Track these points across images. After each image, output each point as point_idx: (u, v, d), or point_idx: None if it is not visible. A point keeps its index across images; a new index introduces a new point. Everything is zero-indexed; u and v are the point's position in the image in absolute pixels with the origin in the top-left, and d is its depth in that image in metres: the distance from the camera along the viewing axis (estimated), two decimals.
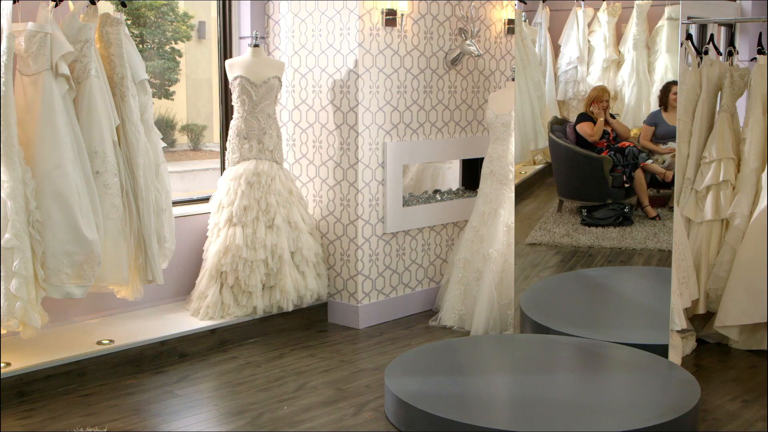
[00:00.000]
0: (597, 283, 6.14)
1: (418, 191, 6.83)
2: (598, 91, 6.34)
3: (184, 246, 6.10)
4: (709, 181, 5.74)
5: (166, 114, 10.80)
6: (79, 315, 5.66)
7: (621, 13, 6.39)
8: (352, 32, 5.96)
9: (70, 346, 5.12)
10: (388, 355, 5.55)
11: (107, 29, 5.02)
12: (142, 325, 5.62)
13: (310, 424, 4.44)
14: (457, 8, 6.50)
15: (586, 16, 6.41)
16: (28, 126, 4.70)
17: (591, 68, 6.47)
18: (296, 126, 6.42)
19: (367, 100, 6.03)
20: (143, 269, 5.18)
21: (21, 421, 4.44)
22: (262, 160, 5.99)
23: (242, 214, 5.84)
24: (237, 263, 5.78)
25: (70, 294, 4.79)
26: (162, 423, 4.50)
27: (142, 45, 9.75)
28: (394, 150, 6.21)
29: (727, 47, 6.01)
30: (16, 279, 4.53)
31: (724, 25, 6.27)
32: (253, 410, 4.63)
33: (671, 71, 6.07)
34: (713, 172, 5.73)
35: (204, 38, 10.98)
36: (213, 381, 5.11)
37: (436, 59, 6.46)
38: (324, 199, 6.30)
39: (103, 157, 4.90)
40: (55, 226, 4.68)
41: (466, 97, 6.74)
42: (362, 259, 6.16)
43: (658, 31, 6.25)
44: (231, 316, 5.79)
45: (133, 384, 5.01)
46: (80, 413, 4.56)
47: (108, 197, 4.94)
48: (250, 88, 5.94)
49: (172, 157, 10.81)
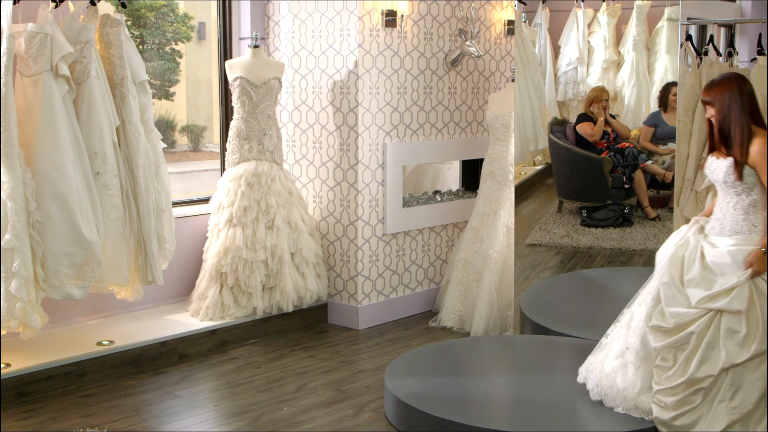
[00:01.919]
0: (597, 284, 6.14)
1: (418, 192, 6.83)
2: (597, 92, 6.35)
3: (184, 247, 6.10)
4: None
5: (167, 115, 10.80)
6: (79, 316, 5.66)
7: (621, 14, 6.40)
8: (352, 33, 5.96)
9: (70, 347, 5.13)
10: (388, 356, 5.56)
11: (107, 30, 5.03)
12: (142, 325, 5.62)
13: (310, 425, 4.45)
14: (457, 9, 6.51)
15: (586, 17, 6.42)
16: (28, 127, 4.70)
17: (591, 69, 6.48)
18: (296, 127, 6.42)
19: (367, 101, 6.03)
20: (143, 270, 5.18)
21: (21, 422, 4.45)
22: (262, 161, 5.99)
23: (242, 215, 5.84)
24: (237, 264, 5.78)
25: (70, 295, 4.79)
26: (162, 424, 4.50)
27: (142, 46, 9.75)
28: (394, 151, 6.21)
29: (727, 48, 6.01)
30: (16, 280, 4.53)
31: (724, 26, 6.26)
32: (253, 411, 4.64)
33: (671, 72, 6.08)
34: None
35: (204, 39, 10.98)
36: (213, 382, 5.12)
37: (436, 60, 6.47)
38: (324, 200, 6.30)
39: (103, 158, 4.91)
40: (55, 226, 4.68)
41: (466, 98, 6.75)
42: (362, 260, 6.16)
43: (658, 32, 6.26)
44: (231, 317, 5.79)
45: (133, 385, 5.02)
46: (80, 414, 4.56)
47: (108, 198, 4.94)
48: (250, 89, 5.94)
49: (172, 158, 10.81)
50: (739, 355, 3.86)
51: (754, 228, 3.98)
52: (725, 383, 3.88)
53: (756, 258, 3.89)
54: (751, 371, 3.85)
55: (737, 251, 3.95)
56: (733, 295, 3.89)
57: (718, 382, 3.89)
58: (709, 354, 3.91)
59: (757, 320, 3.87)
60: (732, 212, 4.03)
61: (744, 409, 3.83)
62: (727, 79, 4.07)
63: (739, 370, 3.86)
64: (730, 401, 3.85)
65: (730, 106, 4.00)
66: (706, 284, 3.97)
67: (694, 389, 3.92)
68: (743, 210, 4.01)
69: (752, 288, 3.89)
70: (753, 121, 4.01)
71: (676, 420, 3.96)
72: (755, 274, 3.89)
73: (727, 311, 3.89)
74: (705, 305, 3.93)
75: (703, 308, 3.94)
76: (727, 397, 3.86)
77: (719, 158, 4.09)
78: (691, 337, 3.95)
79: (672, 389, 3.97)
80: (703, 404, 3.91)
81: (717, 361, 3.88)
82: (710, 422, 3.86)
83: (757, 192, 3.98)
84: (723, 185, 4.06)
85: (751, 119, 4.00)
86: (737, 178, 3.98)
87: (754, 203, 3.99)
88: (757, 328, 3.86)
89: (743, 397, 3.84)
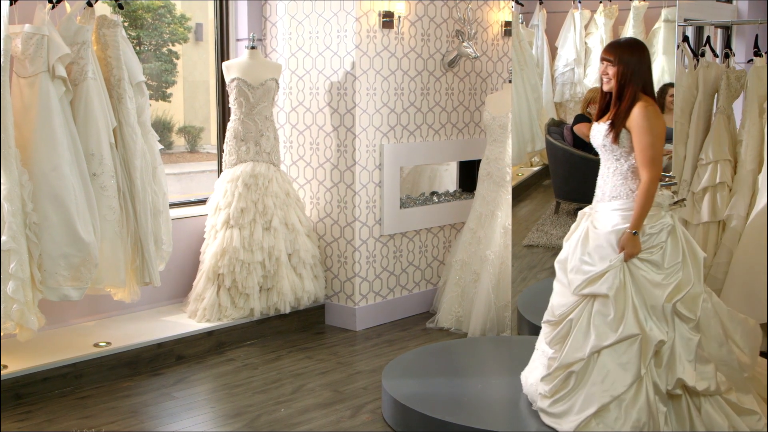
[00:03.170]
0: None
1: (415, 193, 6.83)
2: (593, 92, 6.34)
3: (181, 248, 6.10)
4: (706, 183, 5.74)
5: (164, 116, 10.80)
6: (76, 317, 5.66)
7: (618, 15, 6.40)
8: (349, 34, 5.96)
9: (67, 349, 5.13)
10: (385, 357, 5.56)
11: (104, 31, 5.02)
12: (139, 327, 5.62)
13: (307, 426, 4.45)
14: (454, 10, 6.51)
15: (583, 18, 6.42)
16: (25, 128, 4.69)
17: (588, 70, 6.48)
18: (293, 128, 6.42)
19: (364, 102, 6.03)
20: (140, 271, 5.18)
21: (18, 424, 4.44)
22: (259, 162, 5.99)
23: (239, 216, 5.84)
24: (234, 265, 5.78)
25: (67, 296, 4.79)
26: (159, 425, 4.50)
27: (139, 47, 9.75)
28: (391, 152, 6.21)
29: (724, 49, 6.02)
30: (13, 281, 4.53)
31: (721, 27, 6.28)
32: (250, 412, 4.64)
33: (668, 73, 6.08)
34: (710, 174, 5.73)
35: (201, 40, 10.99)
36: (210, 383, 5.12)
37: (433, 61, 6.47)
38: (321, 201, 6.30)
39: (100, 159, 4.90)
40: (52, 228, 4.68)
41: (463, 99, 6.75)
42: (359, 261, 6.16)
43: (655, 33, 6.26)
44: (228, 318, 5.79)
45: (130, 386, 5.01)
46: (77, 415, 4.56)
47: (105, 199, 4.94)
48: (247, 90, 5.94)
49: (170, 159, 10.81)
50: (607, 337, 3.91)
51: (631, 193, 4.05)
52: (597, 366, 3.91)
53: (627, 241, 3.96)
54: (620, 354, 3.89)
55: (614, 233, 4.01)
56: (603, 279, 3.95)
57: (589, 364, 3.93)
58: (581, 337, 3.97)
59: (627, 303, 3.93)
60: (612, 177, 4.12)
61: (616, 391, 3.85)
62: (637, 43, 4.13)
63: (610, 353, 3.90)
64: (602, 383, 3.87)
65: (634, 70, 4.04)
66: (585, 271, 4.04)
67: (566, 373, 3.98)
68: (622, 175, 4.08)
69: (624, 271, 3.95)
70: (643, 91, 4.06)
71: (553, 407, 4.01)
72: (628, 256, 3.96)
73: (597, 295, 3.96)
74: (582, 291, 4.01)
75: (581, 295, 4.02)
76: (599, 380, 3.88)
77: (600, 123, 4.18)
78: (570, 324, 4.03)
79: (549, 376, 4.05)
80: (576, 389, 3.94)
81: (587, 343, 3.94)
82: (583, 405, 3.89)
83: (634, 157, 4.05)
84: (603, 149, 4.14)
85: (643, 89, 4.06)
86: (614, 140, 4.05)
87: (632, 168, 4.06)
88: (626, 310, 3.91)
89: (614, 379, 3.87)
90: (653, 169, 3.93)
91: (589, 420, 3.86)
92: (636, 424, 3.80)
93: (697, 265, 4.05)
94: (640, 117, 3.95)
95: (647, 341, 3.89)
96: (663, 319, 3.92)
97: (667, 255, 3.99)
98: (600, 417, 3.85)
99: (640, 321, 3.90)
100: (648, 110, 3.96)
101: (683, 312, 3.94)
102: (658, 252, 3.99)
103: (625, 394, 3.85)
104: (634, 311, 3.91)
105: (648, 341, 3.88)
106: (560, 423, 3.97)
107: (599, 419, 3.85)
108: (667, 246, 4.00)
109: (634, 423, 3.80)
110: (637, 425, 3.80)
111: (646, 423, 3.81)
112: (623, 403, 3.84)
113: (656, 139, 3.95)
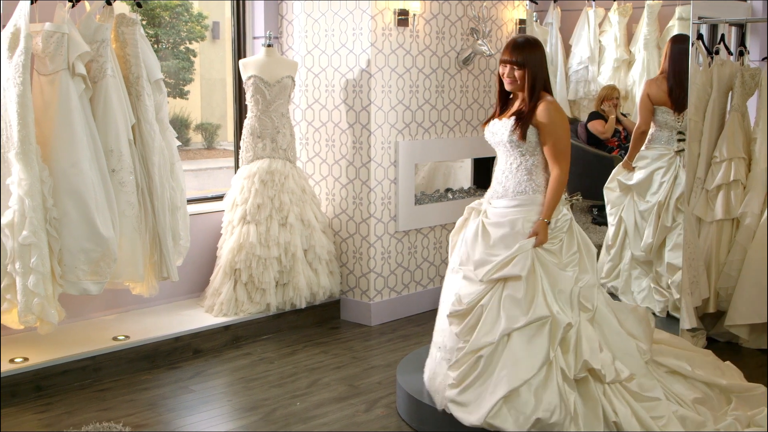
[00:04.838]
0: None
1: (429, 190, 6.86)
2: (607, 90, 6.38)
3: (199, 243, 6.16)
4: (720, 181, 5.74)
5: (181, 113, 10.89)
6: (95, 311, 5.72)
7: (632, 13, 6.42)
8: (365, 32, 6.00)
9: (87, 342, 5.19)
10: (400, 352, 5.59)
11: (123, 29, 5.07)
12: (157, 321, 5.67)
13: (322, 420, 4.49)
14: (468, 8, 6.53)
15: (597, 16, 6.44)
16: (45, 125, 4.75)
17: (602, 68, 6.50)
18: (309, 125, 6.46)
19: (379, 99, 6.07)
20: (158, 266, 5.22)
21: (38, 415, 4.51)
22: (275, 159, 6.03)
23: (256, 212, 5.88)
24: (251, 260, 5.83)
25: (87, 290, 4.84)
26: (176, 418, 4.55)
27: (157, 45, 9.84)
28: (406, 149, 6.25)
29: (738, 47, 6.02)
30: (34, 275, 4.59)
31: (735, 25, 6.27)
32: (266, 406, 4.68)
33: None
34: (724, 172, 5.72)
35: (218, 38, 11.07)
36: (227, 377, 5.17)
37: (447, 59, 6.50)
38: (337, 197, 6.34)
39: (119, 156, 4.95)
40: (72, 223, 4.73)
41: (478, 96, 6.77)
42: (374, 257, 6.20)
43: (669, 31, 6.27)
44: (244, 313, 5.84)
45: (148, 379, 5.07)
46: (96, 408, 4.62)
47: (124, 195, 4.99)
48: (263, 87, 5.99)
49: (187, 156, 10.89)
50: (517, 320, 3.93)
51: (537, 188, 4.14)
52: (506, 350, 3.92)
53: (540, 228, 4.05)
54: (530, 337, 3.91)
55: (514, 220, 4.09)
56: (514, 262, 3.99)
57: (498, 348, 3.94)
58: (490, 322, 3.98)
59: (537, 287, 3.97)
60: (515, 173, 4.18)
61: (526, 374, 3.84)
62: (536, 41, 4.21)
63: (519, 336, 3.92)
64: (512, 367, 3.87)
65: (539, 70, 4.14)
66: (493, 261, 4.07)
67: (475, 358, 3.97)
68: (527, 171, 4.16)
69: (533, 256, 4.02)
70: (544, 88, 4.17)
71: (461, 396, 3.99)
72: (539, 243, 4.04)
73: (508, 277, 3.99)
74: (493, 276, 4.03)
75: (490, 281, 4.05)
76: (509, 363, 3.88)
77: (502, 120, 4.22)
78: (482, 310, 4.04)
79: (457, 362, 4.03)
80: (485, 374, 3.93)
81: (497, 327, 3.95)
82: (493, 389, 3.88)
83: (539, 153, 4.14)
84: (507, 145, 4.18)
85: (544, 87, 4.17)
86: (520, 137, 4.10)
87: (536, 163, 4.15)
88: (536, 294, 3.96)
89: (524, 362, 3.87)
90: (564, 161, 4.08)
91: (500, 406, 3.83)
92: (547, 407, 3.78)
93: (591, 258, 4.15)
94: (548, 113, 4.07)
95: (556, 324, 3.92)
96: (569, 304, 3.98)
97: (564, 246, 4.10)
98: (510, 402, 3.83)
99: (549, 304, 3.95)
100: (553, 106, 4.10)
101: (582, 302, 4.02)
102: (557, 243, 4.09)
103: (535, 377, 3.84)
104: (543, 294, 3.96)
105: (557, 324, 3.92)
106: (469, 412, 3.93)
107: (510, 404, 3.83)
108: (565, 238, 4.11)
109: (546, 406, 3.79)
110: (549, 408, 3.78)
111: (558, 406, 3.79)
112: (533, 386, 3.84)
113: (565, 133, 4.10)
